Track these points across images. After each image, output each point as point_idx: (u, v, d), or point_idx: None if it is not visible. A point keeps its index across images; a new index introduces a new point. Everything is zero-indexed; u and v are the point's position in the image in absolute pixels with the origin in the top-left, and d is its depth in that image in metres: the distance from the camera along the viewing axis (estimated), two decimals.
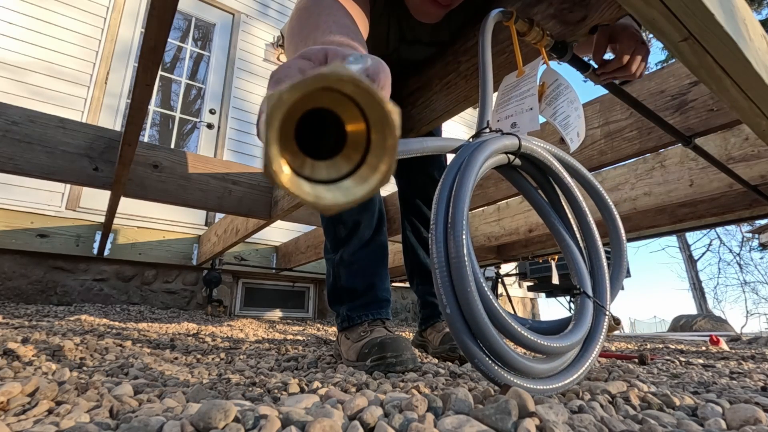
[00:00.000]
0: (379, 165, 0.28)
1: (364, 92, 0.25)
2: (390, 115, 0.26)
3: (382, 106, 0.26)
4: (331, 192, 0.28)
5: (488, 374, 0.56)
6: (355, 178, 0.28)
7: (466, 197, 0.60)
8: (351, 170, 0.29)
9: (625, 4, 0.50)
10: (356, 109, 0.27)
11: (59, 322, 1.79)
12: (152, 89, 1.03)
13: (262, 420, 0.41)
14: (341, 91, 0.26)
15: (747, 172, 1.52)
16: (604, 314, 0.70)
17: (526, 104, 0.78)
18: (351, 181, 0.28)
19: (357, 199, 0.28)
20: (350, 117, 0.28)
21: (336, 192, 0.28)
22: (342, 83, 0.25)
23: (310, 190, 0.27)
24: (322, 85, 0.25)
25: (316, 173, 0.28)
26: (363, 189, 0.28)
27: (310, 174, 0.28)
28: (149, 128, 3.94)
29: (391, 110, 0.26)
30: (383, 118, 0.26)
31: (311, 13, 0.63)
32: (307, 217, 2.15)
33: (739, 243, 16.35)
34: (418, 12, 0.90)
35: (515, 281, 5.21)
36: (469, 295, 0.55)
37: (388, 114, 0.26)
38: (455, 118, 5.47)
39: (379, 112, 0.26)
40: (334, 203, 0.28)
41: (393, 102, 0.26)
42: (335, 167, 0.29)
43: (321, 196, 0.27)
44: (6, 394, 0.49)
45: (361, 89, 0.25)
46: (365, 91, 0.25)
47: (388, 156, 0.27)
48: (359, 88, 0.25)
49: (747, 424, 0.47)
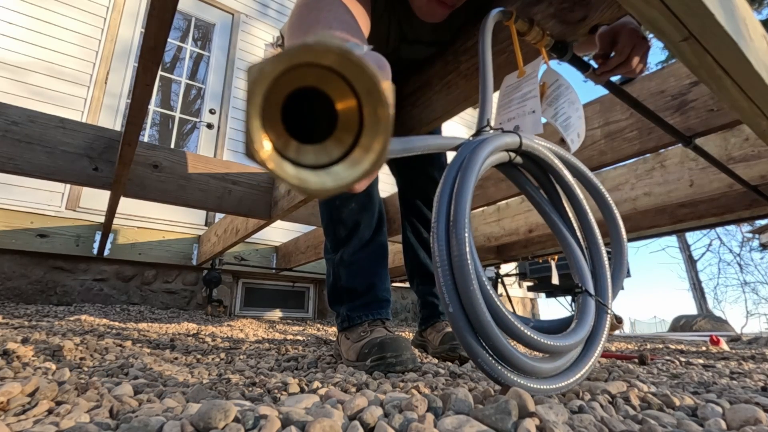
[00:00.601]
0: (372, 144, 0.26)
1: (352, 65, 0.24)
2: (379, 84, 0.24)
3: (370, 77, 0.24)
4: (318, 176, 0.26)
5: (491, 374, 0.56)
6: (346, 162, 0.27)
7: (468, 195, 0.60)
8: (342, 154, 0.27)
9: (625, 4, 0.50)
10: (346, 87, 0.25)
11: (59, 322, 1.79)
12: (152, 89, 1.03)
13: (262, 420, 0.41)
14: (329, 66, 0.24)
15: (747, 172, 1.52)
16: (606, 313, 0.70)
17: (529, 107, 0.78)
18: (342, 165, 0.27)
19: (347, 183, 0.26)
20: (340, 94, 0.26)
21: (324, 176, 0.26)
22: (329, 54, 0.23)
23: (294, 173, 0.26)
24: (308, 58, 0.23)
25: (302, 157, 0.26)
26: (354, 172, 0.26)
27: (296, 157, 0.26)
28: (149, 128, 3.94)
29: (380, 80, 0.24)
30: (373, 90, 0.24)
31: (312, 9, 0.63)
32: (307, 218, 2.15)
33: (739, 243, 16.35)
34: (423, 12, 0.90)
35: (515, 281, 5.20)
36: (471, 294, 0.55)
37: (379, 86, 0.24)
38: (455, 119, 5.47)
39: (368, 83, 0.24)
40: (321, 188, 0.26)
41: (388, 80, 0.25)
42: (325, 152, 0.27)
43: (306, 179, 0.26)
44: (6, 394, 0.49)
45: (350, 61, 0.23)
46: (354, 64, 0.24)
47: (381, 135, 0.25)
48: (347, 60, 0.23)
49: (747, 424, 0.47)
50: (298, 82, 0.25)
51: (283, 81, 0.24)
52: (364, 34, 0.71)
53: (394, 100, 0.25)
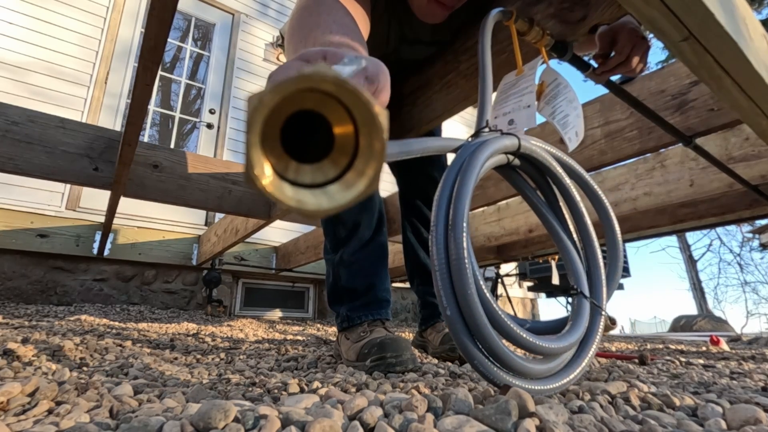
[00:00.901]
0: (365, 169, 0.26)
1: (349, 93, 0.24)
2: (377, 117, 0.25)
3: (368, 108, 0.25)
4: (315, 197, 0.27)
5: (487, 375, 0.56)
6: (341, 183, 0.27)
7: (467, 198, 0.60)
8: (337, 175, 0.27)
9: (625, 4, 0.50)
10: (344, 111, 0.26)
11: (59, 322, 1.79)
12: (152, 89, 1.03)
13: (262, 420, 0.41)
14: (327, 92, 0.25)
15: (747, 172, 1.52)
16: (600, 314, 0.70)
17: (524, 101, 0.78)
18: (337, 186, 0.27)
19: (342, 204, 0.27)
20: (338, 119, 0.27)
21: (321, 197, 0.27)
22: (326, 84, 0.24)
23: (292, 195, 0.26)
24: (306, 86, 0.24)
25: (300, 177, 0.27)
26: (348, 194, 0.27)
27: (294, 177, 0.27)
28: (149, 128, 3.94)
29: (378, 112, 0.25)
30: (370, 120, 0.25)
31: (311, 12, 0.63)
32: (307, 218, 2.15)
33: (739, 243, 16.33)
34: (422, 13, 0.90)
35: (515, 281, 5.20)
36: (469, 297, 0.55)
37: (375, 116, 0.25)
38: (455, 118, 5.47)
39: (366, 113, 0.25)
40: (318, 209, 0.27)
41: (382, 106, 0.26)
42: (321, 171, 0.28)
43: (304, 200, 0.26)
44: (6, 394, 0.49)
45: (346, 90, 0.24)
46: (350, 92, 0.24)
47: (375, 160, 0.26)
48: (343, 89, 0.24)
49: (747, 424, 0.47)
50: (297, 105, 0.26)
51: (283, 106, 0.25)
52: (364, 36, 0.71)
53: (387, 125, 0.26)
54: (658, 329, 19.35)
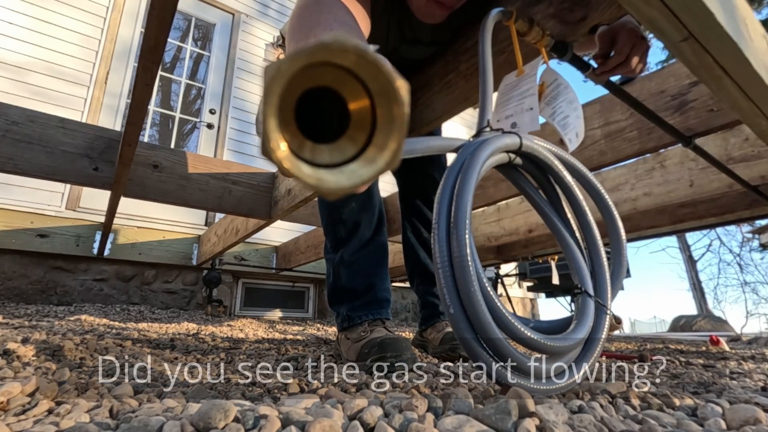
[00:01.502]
0: (387, 143, 0.26)
1: (369, 64, 0.23)
2: (395, 83, 0.24)
3: (386, 76, 0.24)
4: (334, 175, 0.26)
5: (491, 374, 0.56)
6: (361, 161, 0.26)
7: (469, 196, 0.60)
8: (356, 153, 0.27)
9: (625, 4, 0.50)
10: (359, 86, 0.25)
11: (59, 322, 1.79)
12: (152, 89, 1.03)
13: (262, 420, 0.41)
14: (343, 66, 0.24)
15: (747, 173, 1.52)
16: (605, 313, 0.70)
17: (526, 104, 0.78)
18: (356, 164, 0.26)
19: (363, 180, 0.26)
20: (353, 94, 0.26)
21: (340, 175, 0.26)
22: (346, 53, 0.23)
23: (311, 172, 0.25)
24: (325, 56, 0.23)
25: (317, 157, 0.26)
26: (370, 170, 0.26)
27: (311, 157, 0.26)
28: (149, 128, 3.94)
29: (396, 79, 0.24)
30: (388, 90, 0.24)
31: (312, 11, 0.63)
32: (307, 217, 2.15)
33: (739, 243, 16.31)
34: (421, 13, 0.90)
35: (515, 281, 5.20)
36: (472, 295, 0.55)
37: (392, 82, 0.24)
38: (455, 119, 5.46)
39: (384, 83, 0.24)
40: (338, 186, 0.26)
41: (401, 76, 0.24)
42: (339, 150, 0.27)
43: (323, 178, 0.25)
44: (6, 394, 0.49)
45: (367, 60, 0.23)
46: (371, 63, 0.23)
47: (396, 131, 0.25)
48: (364, 59, 0.23)
49: (747, 424, 0.47)
50: (311, 82, 0.25)
51: (297, 81, 0.24)
52: (365, 35, 0.71)
53: (409, 99, 0.25)
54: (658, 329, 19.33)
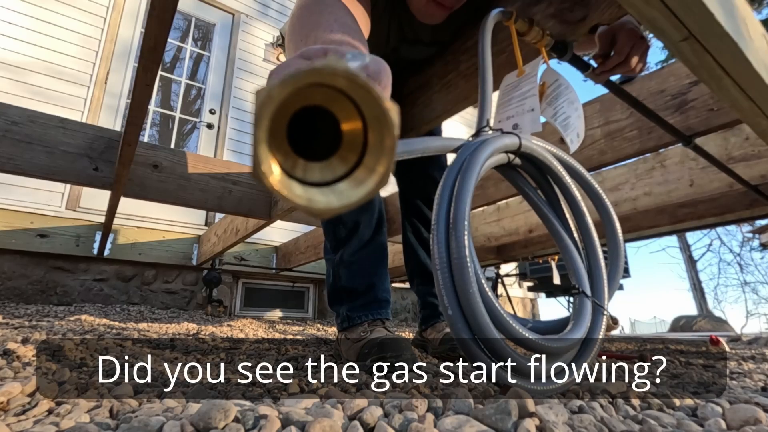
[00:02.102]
0: (376, 167, 0.26)
1: (359, 88, 0.24)
2: (388, 113, 0.24)
3: (379, 103, 0.24)
4: (324, 195, 0.26)
5: (489, 375, 0.56)
6: (350, 181, 0.27)
7: (468, 197, 0.60)
8: (346, 172, 0.27)
9: (625, 4, 0.50)
10: (352, 107, 0.25)
11: (59, 322, 1.79)
12: (152, 89, 1.03)
13: (262, 420, 0.41)
14: (336, 87, 0.24)
15: (747, 172, 1.52)
16: (602, 314, 0.70)
17: (528, 105, 0.78)
18: (346, 183, 0.27)
19: (352, 203, 0.26)
20: (346, 115, 0.26)
21: (330, 195, 0.26)
22: (336, 78, 0.23)
23: (302, 193, 0.26)
24: (315, 80, 0.23)
25: (308, 175, 0.27)
26: (359, 192, 0.26)
27: (303, 176, 0.26)
28: (149, 128, 3.94)
29: (389, 107, 0.24)
30: (381, 116, 0.24)
31: (312, 12, 0.63)
32: (307, 218, 2.15)
33: (739, 243, 16.31)
34: (421, 14, 0.90)
35: (515, 281, 5.20)
36: (471, 296, 0.55)
37: (385, 111, 0.24)
38: (455, 118, 5.46)
39: (376, 109, 0.24)
40: (327, 207, 0.26)
41: (392, 100, 0.25)
42: (330, 169, 0.27)
43: (313, 199, 0.26)
44: (6, 394, 0.49)
45: (357, 84, 0.23)
46: (361, 87, 0.24)
47: (385, 157, 0.25)
48: (354, 84, 0.23)
49: (747, 424, 0.47)
50: (305, 101, 0.25)
51: (289, 102, 0.24)
52: (364, 35, 0.71)
53: (399, 121, 0.25)
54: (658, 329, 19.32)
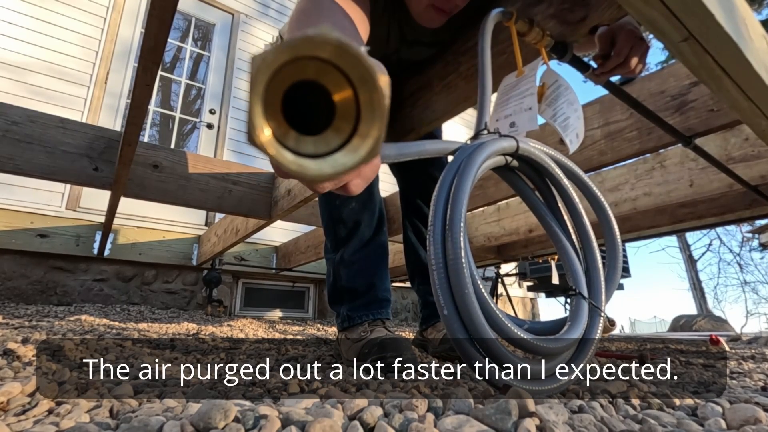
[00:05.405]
0: (369, 131, 0.27)
1: (348, 54, 0.25)
2: (373, 71, 0.25)
3: (364, 65, 0.25)
4: (316, 163, 0.27)
5: (485, 375, 0.56)
6: (345, 150, 0.28)
7: (464, 199, 0.60)
8: (341, 143, 0.28)
9: (625, 4, 0.50)
10: (342, 78, 0.27)
11: (59, 322, 1.79)
12: (152, 89, 1.03)
13: (262, 420, 0.41)
14: (326, 59, 0.25)
15: (747, 172, 1.52)
16: (599, 315, 0.70)
17: (525, 104, 0.78)
18: (341, 153, 0.28)
19: (345, 169, 0.27)
20: (337, 85, 0.27)
21: (322, 163, 0.27)
22: (327, 46, 0.24)
23: (292, 158, 0.27)
24: (308, 49, 0.24)
25: (301, 147, 0.28)
26: (352, 158, 0.27)
27: (295, 147, 0.27)
28: (149, 128, 3.94)
29: (374, 67, 0.25)
30: (367, 78, 0.26)
31: (310, 15, 0.63)
32: (307, 218, 2.15)
33: (739, 243, 16.30)
34: (421, 18, 0.90)
35: (515, 281, 5.20)
36: (466, 297, 0.55)
37: (370, 71, 0.25)
38: (455, 119, 5.46)
39: (363, 71, 0.25)
40: (319, 173, 0.27)
41: (389, 98, 0.26)
42: (324, 142, 0.28)
43: (304, 164, 0.27)
44: (6, 394, 0.49)
45: (346, 52, 0.25)
46: (350, 54, 0.25)
47: (378, 119, 0.26)
48: (344, 51, 0.25)
49: (747, 423, 0.47)
50: (297, 75, 0.26)
51: (284, 73, 0.26)
52: (363, 39, 0.71)
53: (389, 92, 0.26)
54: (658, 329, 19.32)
